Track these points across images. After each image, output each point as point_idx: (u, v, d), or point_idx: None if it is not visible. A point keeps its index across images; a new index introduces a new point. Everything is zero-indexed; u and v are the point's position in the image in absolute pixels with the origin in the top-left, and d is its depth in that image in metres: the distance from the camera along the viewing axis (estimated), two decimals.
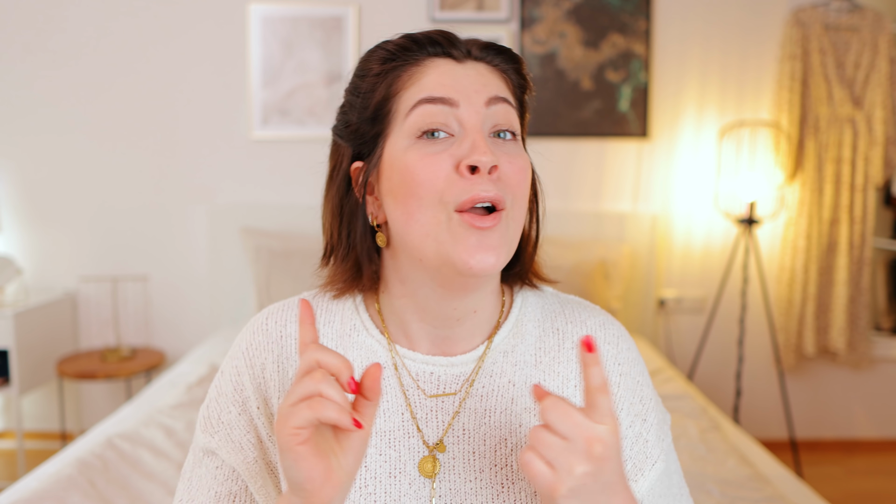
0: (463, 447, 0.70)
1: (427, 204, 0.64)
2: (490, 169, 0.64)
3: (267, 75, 2.88)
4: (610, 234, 2.93)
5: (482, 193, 0.63)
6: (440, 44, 0.68)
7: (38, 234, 2.95)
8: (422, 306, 0.71)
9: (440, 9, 2.86)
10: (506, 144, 0.68)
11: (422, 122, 0.65)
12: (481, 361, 0.73)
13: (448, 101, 0.65)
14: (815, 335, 2.97)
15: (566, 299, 0.80)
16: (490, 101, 0.67)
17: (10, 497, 1.42)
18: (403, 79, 0.68)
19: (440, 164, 0.64)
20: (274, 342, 0.74)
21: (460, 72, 0.67)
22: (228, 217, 2.91)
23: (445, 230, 0.64)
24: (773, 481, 1.65)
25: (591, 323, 0.76)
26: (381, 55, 0.69)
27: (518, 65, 0.72)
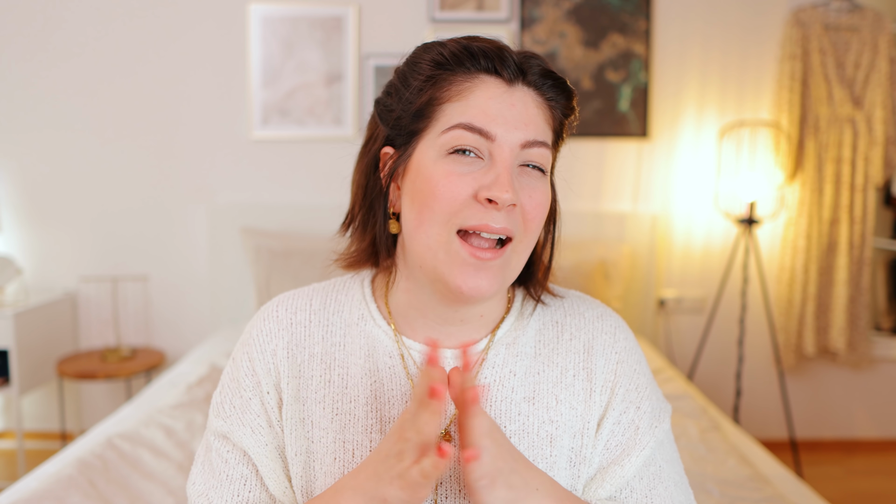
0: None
1: (439, 220, 0.66)
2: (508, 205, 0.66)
3: (267, 75, 2.88)
4: (610, 234, 2.93)
5: (492, 224, 0.65)
6: (493, 59, 0.68)
7: (38, 234, 2.95)
8: (426, 305, 0.74)
9: (440, 9, 2.86)
10: (531, 176, 0.70)
11: (455, 143, 0.67)
12: (484, 353, 0.75)
13: (485, 134, 0.67)
14: (815, 335, 2.97)
15: (564, 292, 0.83)
16: (526, 144, 0.68)
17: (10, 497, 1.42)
18: (451, 91, 0.69)
19: (462, 186, 0.66)
20: (284, 329, 0.77)
21: (507, 100, 0.68)
22: (228, 217, 2.91)
23: (445, 251, 0.66)
24: (773, 481, 1.65)
25: (589, 315, 0.79)
26: (433, 57, 0.70)
27: (570, 98, 0.73)
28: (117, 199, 2.94)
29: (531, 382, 0.74)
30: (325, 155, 2.93)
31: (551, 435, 0.73)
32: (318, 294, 0.80)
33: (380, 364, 0.74)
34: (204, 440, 0.79)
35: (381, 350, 0.75)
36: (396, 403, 0.73)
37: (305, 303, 0.79)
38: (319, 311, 0.78)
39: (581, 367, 0.76)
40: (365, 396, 0.73)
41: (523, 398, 0.74)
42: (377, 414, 0.73)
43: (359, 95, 2.90)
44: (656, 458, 0.76)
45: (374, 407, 0.73)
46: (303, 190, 2.95)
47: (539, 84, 0.70)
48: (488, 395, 0.74)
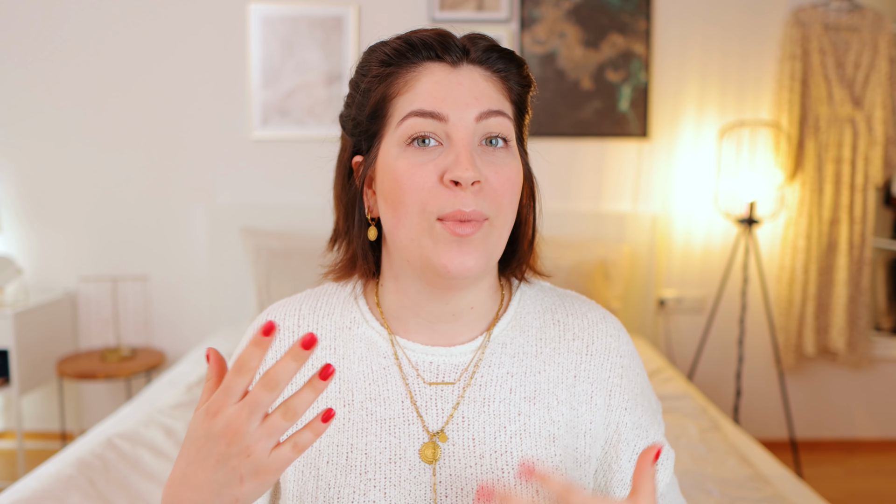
0: (463, 434, 0.72)
1: (413, 212, 0.67)
2: (472, 183, 0.65)
3: (267, 75, 2.88)
4: (610, 234, 2.93)
5: (463, 208, 0.65)
6: (434, 47, 0.69)
7: (38, 234, 2.95)
8: (416, 302, 0.74)
9: (440, 9, 2.86)
10: (495, 153, 0.69)
11: (411, 132, 0.67)
12: (480, 352, 0.75)
13: (437, 116, 0.67)
14: (815, 335, 2.97)
15: (564, 293, 0.82)
16: (481, 115, 0.68)
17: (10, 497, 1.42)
18: (399, 84, 0.69)
19: (426, 175, 0.66)
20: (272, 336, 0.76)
21: (453, 80, 0.68)
22: (228, 217, 2.91)
23: (428, 236, 0.67)
24: (773, 481, 1.65)
25: (592, 316, 0.79)
26: (378, 57, 0.70)
27: (520, 67, 0.72)
28: (117, 199, 2.94)
29: (532, 382, 0.74)
30: (325, 155, 2.92)
31: (553, 434, 0.73)
32: (308, 300, 0.80)
33: (374, 365, 0.75)
34: None
35: (374, 351, 0.75)
36: (392, 404, 0.73)
37: (294, 309, 0.79)
38: (308, 315, 0.78)
39: (583, 369, 0.76)
40: (360, 399, 0.73)
41: (523, 398, 0.74)
42: (372, 416, 0.73)
43: None
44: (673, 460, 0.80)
45: (369, 409, 0.73)
46: (303, 190, 2.95)
47: (484, 59, 0.70)
48: (485, 396, 0.73)
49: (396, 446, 0.71)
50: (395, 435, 0.72)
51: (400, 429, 0.72)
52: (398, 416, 0.72)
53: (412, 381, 0.74)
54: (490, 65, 0.70)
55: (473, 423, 0.72)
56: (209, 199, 2.95)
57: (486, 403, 0.73)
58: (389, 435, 0.72)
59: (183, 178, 2.94)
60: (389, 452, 0.71)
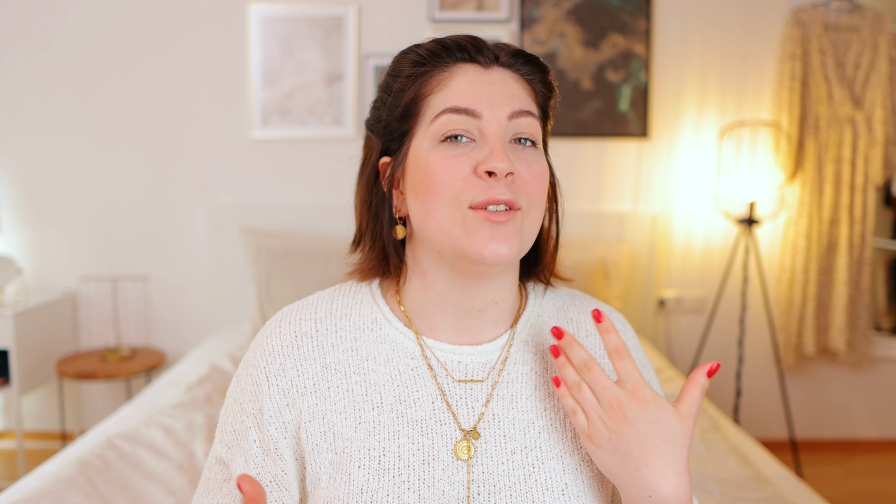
0: (494, 431, 0.73)
1: (445, 201, 0.68)
2: (506, 174, 0.67)
3: (267, 75, 2.88)
4: (610, 234, 2.93)
5: (498, 196, 0.67)
6: (468, 49, 0.72)
7: (38, 234, 2.95)
8: (443, 298, 0.75)
9: (440, 9, 2.86)
10: (525, 150, 0.71)
11: (445, 129, 0.69)
12: (506, 350, 0.77)
13: (472, 113, 0.69)
14: (815, 335, 2.97)
15: (571, 292, 0.86)
16: (513, 114, 0.70)
17: (10, 497, 1.42)
18: (432, 83, 0.72)
19: (460, 166, 0.68)
20: (289, 345, 0.75)
21: (486, 80, 0.71)
22: (228, 217, 2.91)
23: (460, 225, 0.68)
24: (773, 481, 1.65)
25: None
26: (412, 58, 0.73)
27: (545, 74, 0.75)
28: (117, 199, 2.94)
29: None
30: (325, 155, 2.93)
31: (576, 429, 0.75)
32: (322, 302, 0.79)
33: (401, 367, 0.74)
34: (207, 461, 0.79)
35: (401, 352, 0.75)
36: (423, 405, 0.73)
37: (309, 313, 0.77)
38: (325, 318, 0.77)
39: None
40: (389, 402, 0.73)
41: (547, 394, 0.76)
42: (402, 418, 0.72)
43: (359, 95, 2.90)
44: None
45: (399, 411, 0.72)
46: (303, 190, 2.95)
47: (512, 63, 0.73)
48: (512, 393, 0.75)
49: (430, 447, 0.71)
50: (428, 436, 0.72)
51: (433, 429, 0.72)
52: (430, 417, 0.73)
53: (442, 380, 0.74)
54: (517, 68, 0.73)
55: (503, 420, 0.74)
56: (209, 199, 2.95)
57: (514, 400, 0.75)
58: (422, 436, 0.72)
59: (183, 179, 2.94)
60: (423, 454, 0.71)
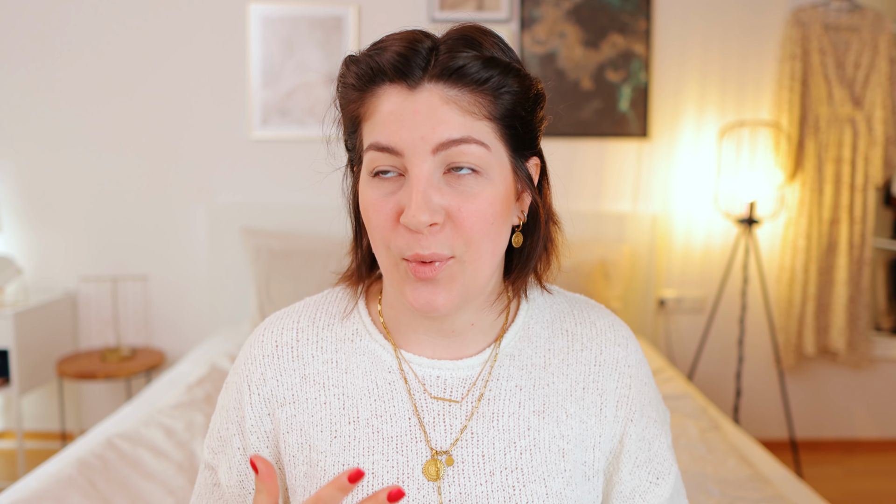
0: (472, 451, 0.70)
1: (381, 246, 0.66)
2: (430, 225, 0.61)
3: (267, 75, 2.88)
4: (610, 234, 2.93)
5: (421, 252, 0.62)
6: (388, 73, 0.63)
7: (38, 234, 2.95)
8: (412, 318, 0.72)
9: (440, 9, 2.86)
10: (462, 181, 0.62)
11: (372, 165, 0.64)
12: (489, 365, 0.72)
13: (392, 151, 0.62)
14: (815, 335, 2.97)
15: (574, 298, 0.80)
16: (438, 147, 0.61)
17: (10, 497, 1.42)
18: (363, 107, 0.66)
19: (386, 212, 0.64)
20: (269, 354, 0.74)
21: (410, 107, 0.61)
22: (228, 217, 2.91)
23: (395, 272, 0.66)
24: (773, 481, 1.65)
25: (601, 324, 0.76)
26: (347, 79, 0.67)
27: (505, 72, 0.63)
28: (117, 199, 2.94)
29: (541, 395, 0.72)
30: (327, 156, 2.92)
31: (563, 449, 0.71)
32: (307, 310, 0.77)
33: (379, 381, 0.72)
34: (200, 465, 0.79)
35: (379, 366, 0.72)
36: (399, 421, 0.70)
37: (293, 322, 0.75)
38: (308, 328, 0.75)
39: (592, 380, 0.74)
40: (365, 416, 0.71)
41: (532, 412, 0.71)
42: (378, 434, 0.70)
43: None
44: (679, 476, 0.78)
45: (375, 427, 0.70)
46: (303, 190, 2.94)
47: (446, 75, 0.61)
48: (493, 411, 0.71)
49: (404, 464, 0.69)
50: (403, 453, 0.70)
51: (407, 446, 0.70)
52: (405, 434, 0.70)
53: (418, 397, 0.71)
54: (456, 80, 0.62)
55: (482, 440, 0.70)
56: (209, 199, 2.95)
57: (495, 418, 0.71)
58: (396, 453, 0.70)
59: (183, 178, 2.94)
60: (397, 471, 0.69)
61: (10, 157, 2.92)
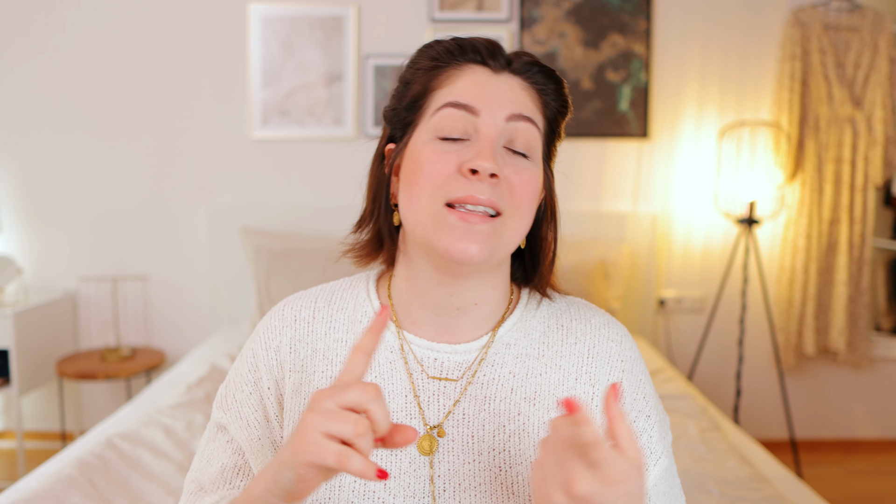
0: (462, 430, 0.73)
1: (425, 194, 0.69)
2: (490, 175, 0.67)
3: (267, 75, 2.88)
4: (610, 234, 2.93)
5: (477, 195, 0.67)
6: (481, 52, 0.73)
7: (38, 234, 2.95)
8: (423, 291, 0.75)
9: (440, 9, 2.86)
10: (516, 158, 0.71)
11: (443, 124, 0.70)
12: (484, 351, 0.76)
13: (470, 109, 0.70)
14: (815, 335, 2.97)
15: (571, 300, 0.83)
16: (511, 117, 0.70)
17: (10, 497, 1.42)
18: (441, 78, 0.73)
19: (447, 162, 0.69)
20: (288, 325, 0.79)
21: (492, 82, 0.72)
22: (228, 217, 2.91)
23: (433, 220, 0.68)
24: (773, 481, 1.65)
25: (596, 321, 0.80)
26: (428, 53, 0.74)
27: (559, 86, 0.75)
28: (117, 199, 2.94)
29: (533, 383, 0.75)
30: (325, 155, 2.93)
31: None
32: (324, 292, 0.82)
33: (381, 359, 0.76)
34: (206, 431, 0.82)
35: (382, 345, 0.76)
36: (396, 398, 0.74)
37: (311, 300, 0.81)
38: (324, 307, 0.80)
39: (584, 371, 0.76)
40: None
41: (524, 398, 0.74)
42: None
43: (359, 95, 2.90)
44: (671, 470, 0.78)
45: None
46: (303, 190, 2.95)
47: (524, 70, 0.73)
48: (486, 394, 0.74)
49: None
50: None
51: (403, 422, 0.73)
52: (402, 410, 0.74)
53: (416, 376, 0.75)
54: (529, 77, 0.73)
55: (473, 421, 0.73)
56: (209, 199, 2.95)
57: (487, 402, 0.74)
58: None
59: (183, 179, 2.94)
60: None
61: (10, 157, 2.92)
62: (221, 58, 2.89)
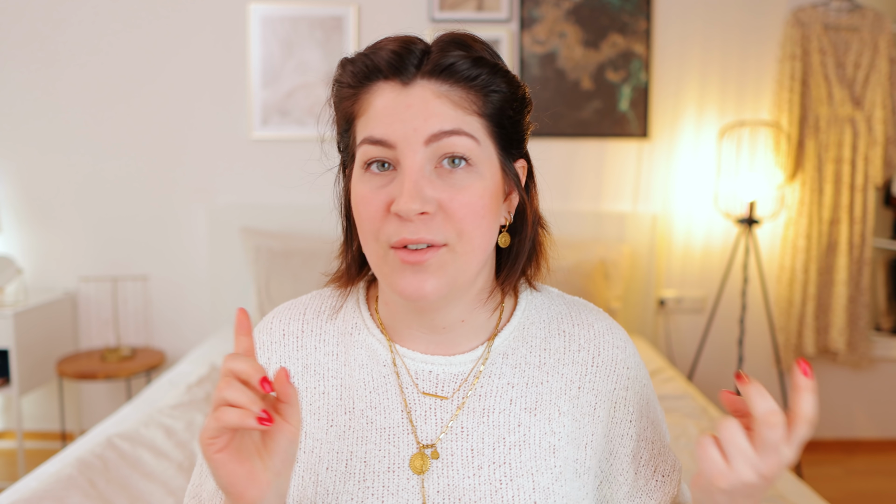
0: (461, 444, 0.71)
1: (370, 238, 0.67)
2: (420, 213, 0.63)
3: (267, 75, 2.88)
4: (610, 234, 2.93)
5: (409, 237, 0.64)
6: (383, 69, 0.66)
7: (38, 234, 2.95)
8: (405, 315, 0.73)
9: (440, 9, 2.86)
10: (454, 175, 0.65)
11: (365, 158, 0.67)
12: (481, 363, 0.74)
13: (385, 143, 0.65)
14: (815, 335, 2.97)
15: (571, 301, 0.81)
16: (430, 138, 0.64)
17: (10, 497, 1.42)
18: (357, 104, 0.69)
19: (377, 203, 0.65)
20: (276, 341, 0.77)
21: (403, 102, 0.65)
22: (228, 217, 2.91)
23: (385, 263, 0.67)
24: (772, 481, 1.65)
25: (599, 326, 0.77)
26: (341, 78, 0.70)
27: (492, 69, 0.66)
28: (117, 199, 2.94)
29: (533, 393, 0.73)
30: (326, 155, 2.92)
31: (554, 446, 0.72)
32: (313, 302, 0.80)
33: (374, 373, 0.74)
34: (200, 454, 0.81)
35: (375, 359, 0.74)
36: (391, 413, 0.72)
37: (299, 313, 0.78)
38: (313, 320, 0.78)
39: (588, 380, 0.74)
40: (360, 407, 0.73)
41: (524, 409, 0.73)
42: (372, 424, 0.72)
43: None
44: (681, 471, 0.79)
45: (369, 417, 0.73)
46: (303, 190, 2.95)
47: (438, 70, 0.65)
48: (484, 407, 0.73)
49: (395, 455, 0.71)
50: (394, 444, 0.72)
51: (399, 438, 0.72)
52: (397, 426, 0.72)
53: (409, 391, 0.73)
54: (448, 74, 0.65)
55: (472, 434, 0.71)
56: (209, 199, 2.95)
57: (486, 414, 0.72)
58: (388, 444, 0.72)
59: (183, 178, 2.94)
60: (388, 461, 0.71)
61: (10, 158, 2.92)
62: (221, 58, 2.89)
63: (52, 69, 2.87)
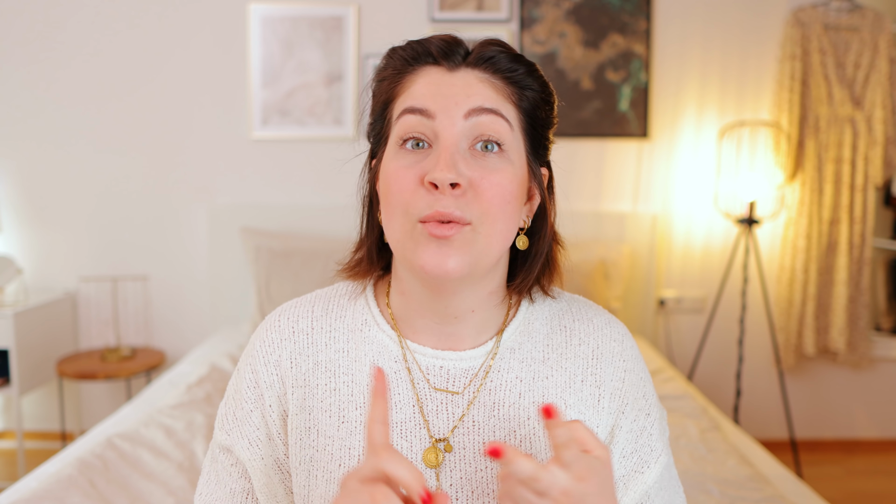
0: (472, 438, 0.73)
1: (398, 213, 0.67)
2: (453, 185, 0.64)
3: (267, 75, 2.88)
4: (610, 234, 2.93)
5: (441, 210, 0.64)
6: (432, 53, 0.70)
7: (38, 234, 2.95)
8: (420, 303, 0.74)
9: (440, 9, 2.86)
10: (486, 158, 0.67)
11: (402, 132, 0.68)
12: (489, 357, 0.75)
13: (425, 113, 0.67)
14: (815, 335, 2.97)
15: (572, 298, 0.83)
16: (470, 112, 0.67)
17: (10, 497, 1.42)
18: (400, 86, 0.71)
19: (408, 177, 0.67)
20: (287, 338, 0.77)
21: (447, 81, 0.68)
22: (228, 217, 2.91)
23: (410, 238, 0.67)
24: (773, 481, 1.65)
25: (598, 321, 0.79)
26: (386, 63, 0.73)
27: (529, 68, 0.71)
28: (117, 199, 2.94)
29: (540, 387, 0.75)
30: (325, 155, 2.93)
31: None
32: (320, 300, 0.80)
33: (385, 369, 0.74)
34: (210, 451, 0.81)
35: (385, 355, 0.75)
36: (403, 408, 0.73)
37: (307, 310, 0.79)
38: (321, 317, 0.78)
39: (589, 373, 0.76)
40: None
41: (532, 402, 0.74)
42: None
43: (359, 95, 2.89)
44: (670, 465, 0.78)
45: None
46: (303, 190, 2.95)
47: (482, 60, 0.69)
48: (494, 401, 0.73)
49: (408, 450, 0.72)
50: (407, 439, 0.72)
51: (411, 433, 0.72)
52: (409, 420, 0.73)
53: (420, 386, 0.74)
54: (491, 65, 0.69)
55: (483, 428, 0.73)
56: (209, 199, 2.95)
57: (496, 408, 0.73)
58: (400, 438, 0.72)
59: (183, 178, 2.94)
60: None
61: (10, 157, 2.92)
62: (221, 58, 2.89)
63: (53, 69, 2.87)
